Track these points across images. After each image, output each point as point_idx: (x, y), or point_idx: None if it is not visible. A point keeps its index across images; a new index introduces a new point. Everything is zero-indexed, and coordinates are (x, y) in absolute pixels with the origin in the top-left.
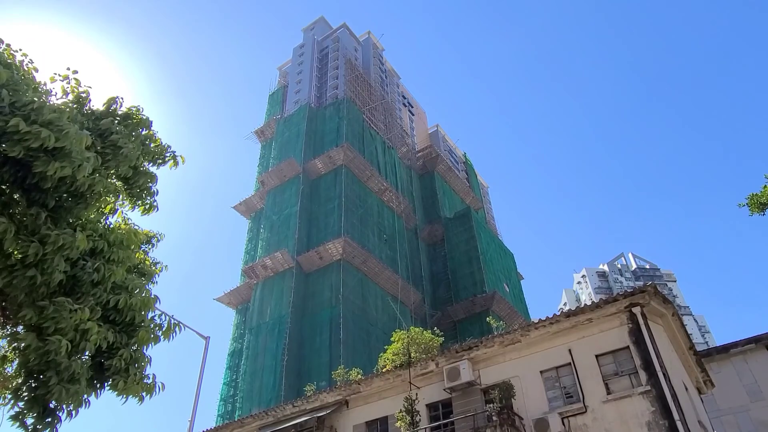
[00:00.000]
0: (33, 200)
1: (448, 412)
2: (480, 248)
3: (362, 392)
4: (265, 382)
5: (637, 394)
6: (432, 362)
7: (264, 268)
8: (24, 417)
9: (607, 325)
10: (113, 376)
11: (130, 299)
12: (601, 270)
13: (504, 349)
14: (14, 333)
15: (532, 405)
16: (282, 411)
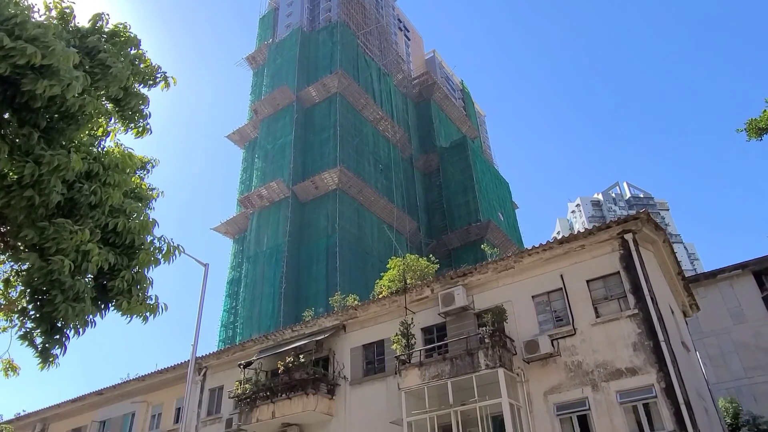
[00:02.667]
0: (24, 120)
1: (442, 335)
2: (475, 177)
3: (359, 317)
4: (264, 308)
5: (625, 317)
6: (427, 288)
7: (260, 197)
8: (33, 336)
9: (599, 252)
10: (116, 296)
11: (129, 222)
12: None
13: (497, 275)
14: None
15: (524, 328)
16: (281, 335)
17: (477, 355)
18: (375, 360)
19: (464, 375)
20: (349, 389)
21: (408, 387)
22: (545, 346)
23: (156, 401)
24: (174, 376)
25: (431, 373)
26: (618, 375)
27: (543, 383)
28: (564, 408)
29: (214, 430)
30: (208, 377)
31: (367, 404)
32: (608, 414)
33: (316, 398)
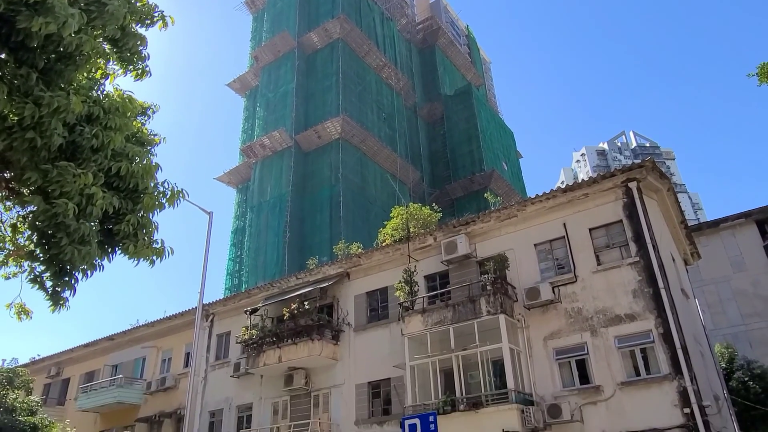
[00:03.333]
0: (21, 60)
1: (445, 282)
2: (480, 126)
3: (363, 265)
4: (269, 257)
5: (626, 264)
6: (430, 236)
7: (262, 147)
8: (42, 280)
9: (603, 200)
10: (123, 240)
11: (132, 166)
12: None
13: (500, 224)
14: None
15: (525, 275)
16: (286, 283)
17: (479, 302)
18: (378, 307)
19: (466, 321)
20: (353, 335)
21: (411, 333)
22: (546, 293)
23: (166, 346)
24: (182, 322)
25: (434, 319)
26: (617, 321)
27: (543, 329)
28: (563, 353)
29: (223, 373)
30: (216, 323)
31: (370, 349)
32: (606, 358)
33: (321, 343)
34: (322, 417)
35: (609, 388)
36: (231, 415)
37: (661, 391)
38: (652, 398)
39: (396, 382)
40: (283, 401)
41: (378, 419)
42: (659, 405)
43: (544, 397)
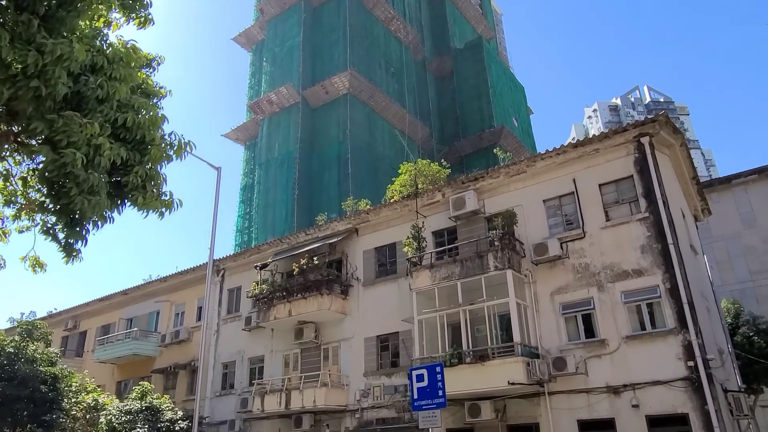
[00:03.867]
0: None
1: (453, 238)
2: (490, 81)
3: (371, 221)
4: (278, 214)
5: (635, 220)
6: (438, 192)
7: (269, 103)
8: (55, 231)
9: (614, 155)
10: (132, 192)
11: (138, 117)
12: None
13: (509, 180)
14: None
15: (533, 231)
16: (296, 239)
17: (486, 258)
18: (387, 262)
19: (473, 276)
20: (362, 290)
21: (419, 288)
22: (554, 249)
23: (178, 300)
24: (194, 277)
25: (441, 274)
26: (624, 276)
27: (550, 284)
28: (569, 307)
29: (235, 327)
30: (227, 278)
31: (379, 304)
32: (612, 313)
33: (330, 298)
34: (332, 369)
35: (614, 341)
36: (243, 366)
37: (665, 344)
38: (656, 352)
39: (404, 335)
40: (293, 354)
41: (386, 371)
42: (663, 358)
43: (549, 350)
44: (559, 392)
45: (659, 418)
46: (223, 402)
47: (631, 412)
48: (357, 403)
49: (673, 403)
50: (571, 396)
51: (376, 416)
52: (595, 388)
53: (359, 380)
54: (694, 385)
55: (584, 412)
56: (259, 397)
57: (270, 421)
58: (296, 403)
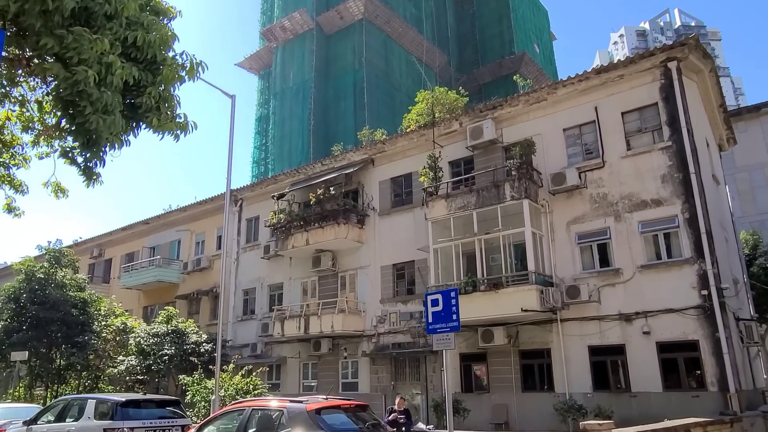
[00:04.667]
0: None
1: (469, 168)
2: (511, 5)
3: (387, 151)
4: (294, 145)
5: (657, 149)
6: (455, 122)
7: (283, 30)
8: (73, 155)
9: (639, 82)
10: (146, 114)
11: (148, 36)
12: (641, 29)
13: (528, 108)
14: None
15: (552, 161)
16: (312, 169)
17: (503, 187)
18: (403, 192)
19: (490, 206)
20: (378, 219)
21: (435, 217)
22: (572, 179)
23: (198, 230)
24: (213, 206)
25: (457, 204)
26: (642, 206)
27: (566, 214)
28: (585, 237)
29: (254, 255)
30: (245, 208)
31: (394, 233)
32: (628, 242)
33: (347, 227)
34: (349, 296)
35: (628, 270)
36: (263, 293)
37: (680, 274)
38: (670, 281)
39: (419, 264)
40: (311, 281)
41: (402, 298)
42: (677, 287)
43: (563, 279)
44: (571, 319)
45: (669, 345)
46: (244, 326)
47: (642, 338)
48: (373, 329)
49: (684, 330)
50: (582, 323)
51: (392, 341)
52: (607, 315)
53: (376, 307)
54: (707, 313)
55: (595, 339)
56: (279, 322)
57: (290, 344)
58: (315, 328)
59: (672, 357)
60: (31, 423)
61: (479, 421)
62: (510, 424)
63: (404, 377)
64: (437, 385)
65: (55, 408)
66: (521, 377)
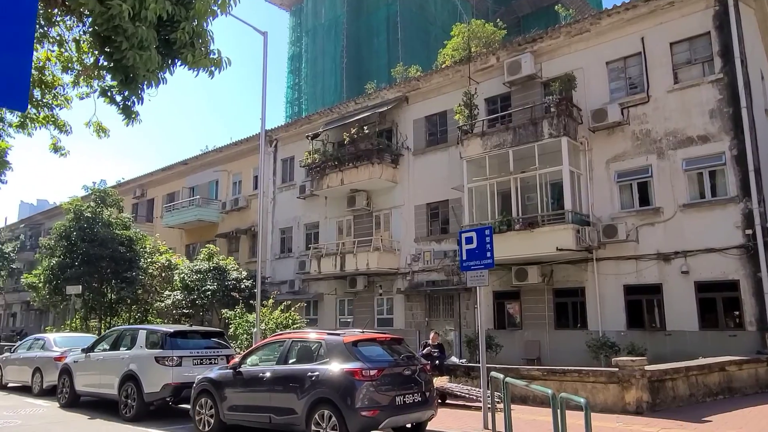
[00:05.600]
0: None
1: (506, 105)
2: None
3: (421, 88)
4: (327, 84)
5: (707, 82)
6: (492, 56)
7: None
8: (113, 93)
9: (690, 9)
10: (180, 50)
11: None
12: None
13: (570, 40)
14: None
15: (593, 96)
16: (345, 108)
17: (541, 124)
18: (437, 131)
19: (526, 144)
20: (412, 159)
21: (470, 156)
22: (614, 115)
23: (235, 170)
24: (248, 147)
25: (493, 142)
26: (688, 143)
27: (607, 152)
28: (625, 175)
29: (290, 195)
30: (279, 149)
31: (429, 172)
32: (670, 181)
33: (381, 167)
34: (384, 235)
35: (669, 209)
36: (300, 232)
37: (724, 213)
38: (713, 220)
39: (454, 203)
40: (346, 220)
41: (436, 237)
42: (720, 227)
43: (600, 218)
44: (607, 258)
45: (708, 284)
46: (282, 264)
47: (680, 278)
48: (408, 267)
49: (724, 270)
50: (619, 262)
51: (426, 279)
52: (645, 255)
53: (410, 245)
54: (750, 252)
55: (631, 278)
56: (316, 260)
57: (326, 281)
58: (350, 266)
59: (710, 297)
60: (89, 351)
61: (511, 356)
62: (542, 359)
63: (438, 314)
64: (470, 322)
65: (109, 337)
66: (554, 315)
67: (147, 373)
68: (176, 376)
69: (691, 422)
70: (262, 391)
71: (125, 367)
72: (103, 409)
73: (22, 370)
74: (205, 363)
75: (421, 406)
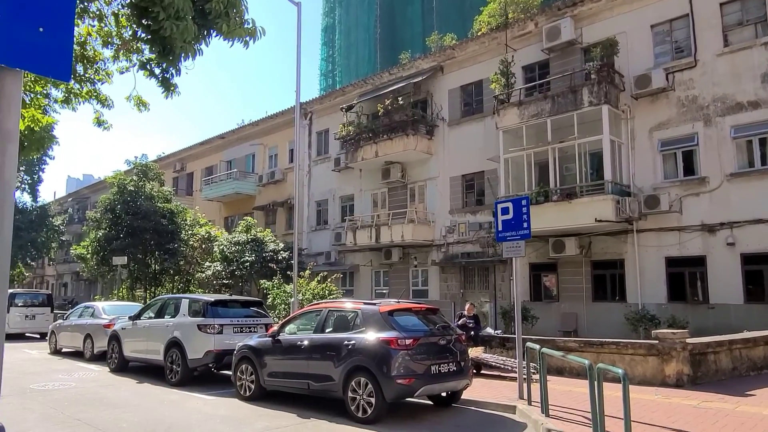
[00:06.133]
0: None
1: (544, 73)
2: None
3: (457, 57)
4: (361, 55)
5: (759, 44)
6: (530, 22)
7: None
8: (151, 66)
9: None
10: (216, 20)
11: None
12: None
13: (612, 3)
14: None
15: (636, 62)
16: (380, 79)
17: (581, 92)
18: (473, 101)
19: (565, 113)
20: (447, 129)
21: (506, 126)
22: (658, 81)
23: (271, 143)
24: (283, 120)
25: (530, 111)
26: (737, 109)
27: (650, 119)
28: (669, 144)
29: (325, 168)
30: (314, 121)
31: (464, 143)
32: (717, 149)
33: (416, 138)
34: (418, 207)
35: (716, 179)
36: (335, 204)
37: None
38: (762, 190)
39: (489, 174)
40: (381, 193)
41: (471, 209)
42: None
43: (642, 188)
44: (648, 230)
45: (755, 256)
46: (318, 236)
47: (725, 250)
48: (443, 239)
49: None
50: (660, 234)
51: (461, 250)
52: (689, 226)
53: (445, 217)
54: None
55: (674, 250)
56: (351, 232)
57: (362, 253)
58: (385, 238)
59: (757, 269)
60: (135, 318)
61: (547, 328)
62: (579, 332)
63: (473, 285)
64: (505, 294)
65: (154, 306)
66: (592, 287)
67: (190, 340)
68: (218, 343)
69: (733, 396)
70: (300, 358)
71: (170, 334)
72: (150, 373)
73: (74, 336)
74: (245, 331)
75: (456, 376)
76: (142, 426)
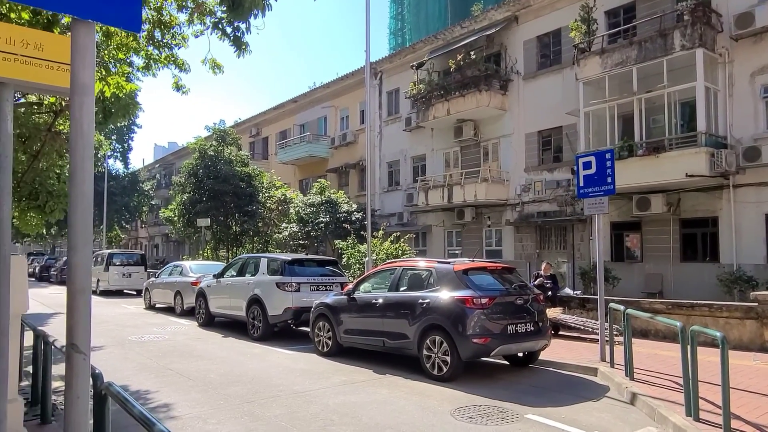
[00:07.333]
0: None
1: (630, 17)
2: None
3: (533, 5)
4: (431, 10)
5: None
6: None
7: None
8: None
9: None
10: None
11: None
12: None
13: None
14: None
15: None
16: (451, 34)
17: (672, 36)
18: (550, 52)
19: (653, 59)
20: (522, 84)
21: (587, 77)
22: (763, 18)
23: (342, 105)
24: (353, 81)
25: (614, 60)
26: None
27: (752, 62)
28: None
29: (396, 128)
30: (384, 81)
31: (541, 98)
32: None
33: (489, 94)
34: (492, 165)
35: None
36: (407, 165)
37: None
38: None
39: (568, 130)
40: (453, 152)
41: (548, 166)
42: None
43: (740, 140)
44: (746, 185)
45: None
46: (390, 197)
47: None
48: (517, 197)
49: None
50: (761, 189)
51: (537, 210)
52: None
53: (520, 176)
54: None
55: None
56: (423, 192)
57: (434, 213)
58: (458, 198)
59: None
60: (219, 276)
61: (630, 289)
62: (664, 293)
63: (549, 245)
64: (584, 254)
65: (236, 265)
66: (680, 246)
67: (270, 297)
68: (295, 300)
69: None
70: (375, 316)
71: (251, 291)
72: (234, 328)
73: (165, 293)
74: (321, 289)
75: (533, 336)
76: (227, 377)
